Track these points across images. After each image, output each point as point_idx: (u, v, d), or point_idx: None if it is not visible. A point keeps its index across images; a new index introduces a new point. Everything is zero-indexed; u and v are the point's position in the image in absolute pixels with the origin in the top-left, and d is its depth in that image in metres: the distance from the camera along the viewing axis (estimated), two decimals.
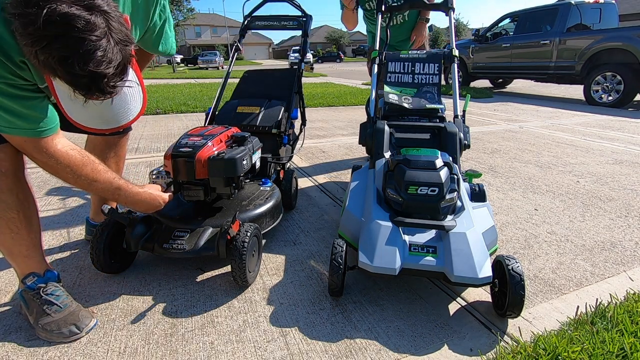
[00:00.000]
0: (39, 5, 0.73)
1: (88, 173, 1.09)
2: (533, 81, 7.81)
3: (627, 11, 17.93)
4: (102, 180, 1.13)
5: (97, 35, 0.79)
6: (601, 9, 6.59)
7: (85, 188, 1.14)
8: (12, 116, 0.93)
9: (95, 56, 0.79)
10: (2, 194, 1.03)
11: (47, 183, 2.42)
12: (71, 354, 1.05)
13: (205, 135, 1.46)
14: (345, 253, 1.23)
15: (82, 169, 1.07)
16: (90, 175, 1.10)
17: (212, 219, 1.43)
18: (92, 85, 0.83)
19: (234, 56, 2.37)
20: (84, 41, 0.77)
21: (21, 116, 0.94)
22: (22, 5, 0.74)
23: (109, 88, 0.86)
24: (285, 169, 2.00)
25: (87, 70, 0.79)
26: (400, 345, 1.08)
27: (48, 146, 1.01)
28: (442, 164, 1.30)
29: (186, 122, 4.64)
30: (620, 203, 2.11)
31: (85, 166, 1.08)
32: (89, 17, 0.77)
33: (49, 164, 1.03)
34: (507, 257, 1.15)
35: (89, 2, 0.78)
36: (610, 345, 1.00)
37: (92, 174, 1.10)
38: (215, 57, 24.77)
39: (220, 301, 1.27)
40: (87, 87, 0.84)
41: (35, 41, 0.76)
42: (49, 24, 0.74)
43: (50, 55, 0.77)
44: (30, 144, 0.99)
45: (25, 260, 1.13)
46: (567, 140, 3.66)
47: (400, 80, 1.93)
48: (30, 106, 0.96)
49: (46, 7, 0.73)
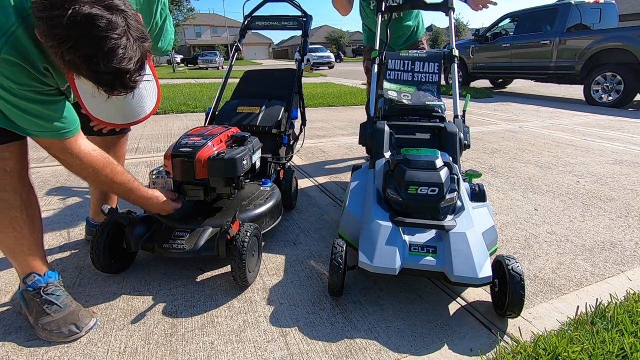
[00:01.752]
0: (64, 7, 0.77)
1: (108, 174, 1.15)
2: (533, 81, 7.81)
3: (627, 11, 17.93)
4: (119, 181, 1.20)
5: (118, 33, 0.83)
6: (601, 9, 6.59)
7: (103, 187, 1.21)
8: (41, 120, 0.97)
9: (118, 53, 0.83)
10: (6, 193, 1.04)
11: (47, 183, 2.42)
12: (71, 354, 1.05)
13: (205, 135, 1.46)
14: (345, 253, 1.23)
15: (103, 169, 1.14)
16: (110, 176, 1.16)
17: (212, 219, 1.43)
18: (116, 81, 0.87)
19: (234, 56, 2.37)
20: (107, 40, 0.81)
21: (49, 119, 0.99)
22: (47, 8, 0.78)
23: (130, 83, 0.90)
24: (285, 169, 2.00)
25: (111, 67, 0.83)
26: (400, 345, 1.08)
27: (73, 147, 1.05)
28: (442, 164, 1.30)
29: (186, 122, 4.64)
30: (620, 203, 2.11)
31: (105, 167, 1.14)
32: (110, 17, 0.81)
33: (73, 164, 1.08)
34: (507, 257, 1.15)
35: (108, 2, 0.82)
36: (610, 345, 1.00)
37: (111, 175, 1.17)
38: (215, 57, 24.74)
39: (220, 301, 1.27)
40: (110, 83, 0.87)
41: (62, 42, 0.80)
42: (73, 25, 0.78)
43: (75, 55, 0.81)
44: (57, 145, 1.04)
45: (26, 260, 1.13)
46: (567, 140, 3.66)
47: (400, 78, 1.93)
48: (56, 109, 1.00)
49: (70, 9, 0.77)
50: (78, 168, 1.10)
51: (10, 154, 1.04)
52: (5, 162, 1.03)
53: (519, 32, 7.15)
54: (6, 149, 1.03)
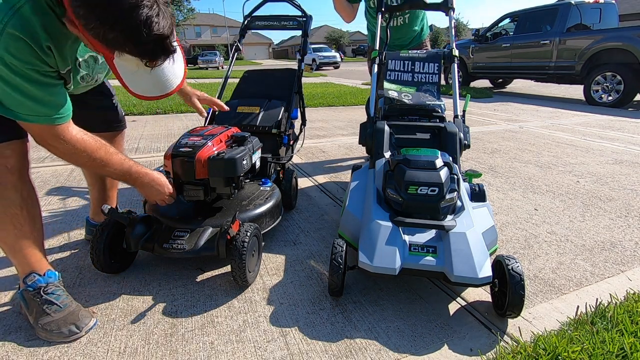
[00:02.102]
0: None
1: (102, 156, 1.15)
2: (533, 81, 7.81)
3: (627, 11, 17.92)
4: (114, 162, 1.20)
5: (150, 3, 0.88)
6: (601, 9, 6.59)
7: (99, 171, 1.20)
8: (35, 103, 0.98)
9: (155, 21, 0.88)
10: (7, 191, 1.06)
11: (47, 183, 2.42)
12: (71, 354, 1.05)
13: (205, 135, 1.46)
14: (345, 253, 1.23)
15: (96, 152, 1.14)
16: (104, 157, 1.16)
17: (212, 219, 1.43)
18: (157, 48, 0.92)
19: (234, 56, 2.37)
20: (143, 10, 0.86)
21: (44, 103, 0.99)
22: None
23: (170, 47, 0.95)
24: (285, 169, 2.00)
25: (152, 35, 0.88)
26: (400, 345, 1.08)
27: (65, 133, 1.05)
28: (442, 164, 1.30)
29: (186, 122, 4.64)
30: (620, 203, 2.11)
31: (99, 150, 1.14)
32: None
33: (66, 150, 1.08)
34: (507, 257, 1.15)
35: None
36: (610, 345, 1.00)
37: (106, 157, 1.17)
38: (215, 57, 24.69)
39: (220, 301, 1.28)
40: (153, 52, 0.93)
41: (103, 21, 0.84)
42: (112, 3, 0.83)
43: (118, 31, 0.86)
44: (49, 131, 1.03)
45: (27, 258, 1.14)
46: (567, 140, 3.66)
47: (400, 78, 1.94)
48: (53, 93, 1.01)
49: None
50: (72, 154, 1.10)
51: (11, 152, 1.05)
52: (6, 159, 1.04)
53: (519, 32, 7.15)
54: (8, 147, 1.04)
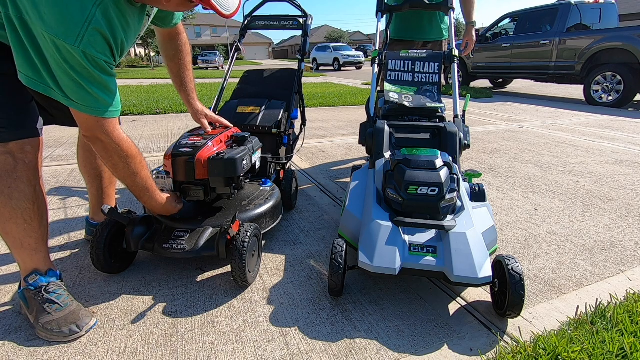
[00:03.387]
0: None
1: (136, 165, 1.16)
2: (533, 81, 7.81)
3: (627, 11, 17.92)
4: (143, 175, 1.21)
5: None
6: (601, 9, 6.59)
7: (126, 178, 1.19)
8: (101, 92, 1.01)
9: None
10: (22, 184, 1.09)
11: (47, 183, 2.42)
12: (71, 354, 1.05)
13: (205, 135, 1.46)
14: (345, 253, 1.23)
15: (134, 158, 1.15)
16: (137, 167, 1.17)
17: (212, 219, 1.43)
18: None
19: (234, 56, 2.36)
20: None
21: (106, 93, 1.03)
22: None
23: None
24: (285, 169, 2.00)
25: None
26: (400, 345, 1.08)
27: (111, 128, 1.08)
28: (442, 164, 1.30)
29: (186, 122, 4.64)
30: (620, 203, 2.11)
31: (137, 156, 1.16)
32: None
33: (109, 146, 1.09)
34: (507, 257, 1.15)
35: None
36: (610, 345, 1.00)
37: (139, 167, 1.18)
38: (215, 57, 24.70)
39: (220, 301, 1.28)
40: None
41: None
42: None
43: None
44: (96, 123, 1.05)
45: (32, 255, 1.15)
46: (567, 140, 3.66)
47: (401, 78, 1.94)
48: (112, 83, 1.06)
49: None
50: (113, 152, 1.10)
51: (31, 148, 1.10)
52: (26, 154, 1.09)
53: (519, 32, 7.15)
54: (29, 143, 1.10)
